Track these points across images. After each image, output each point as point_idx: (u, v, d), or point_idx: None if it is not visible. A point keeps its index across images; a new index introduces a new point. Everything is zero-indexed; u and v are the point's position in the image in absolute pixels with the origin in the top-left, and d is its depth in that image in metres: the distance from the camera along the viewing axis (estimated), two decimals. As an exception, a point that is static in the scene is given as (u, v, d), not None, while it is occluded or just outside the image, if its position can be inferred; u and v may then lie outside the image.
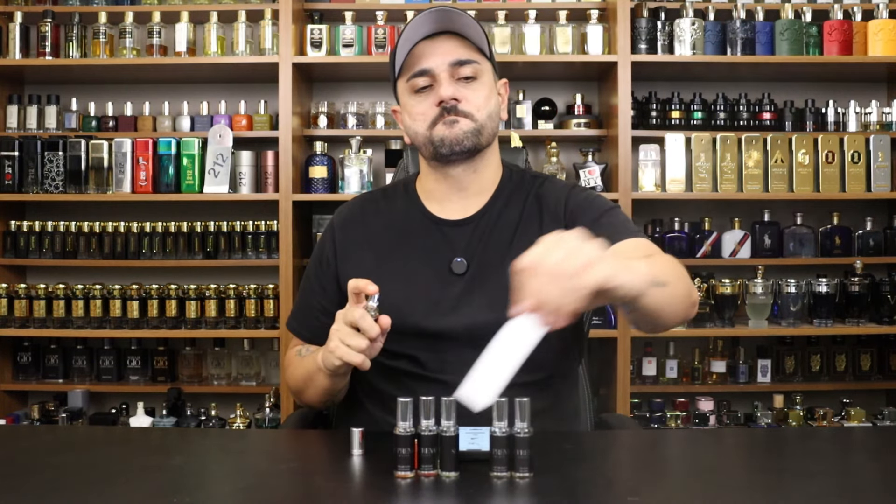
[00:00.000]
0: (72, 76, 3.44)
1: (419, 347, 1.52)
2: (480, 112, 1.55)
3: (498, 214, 1.60)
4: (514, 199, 1.61)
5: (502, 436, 1.15)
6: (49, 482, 1.17)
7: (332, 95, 3.53)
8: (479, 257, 1.56)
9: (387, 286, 1.52)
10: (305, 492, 1.18)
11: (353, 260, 1.61)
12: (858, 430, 1.82)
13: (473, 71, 1.55)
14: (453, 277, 1.55)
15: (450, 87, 1.53)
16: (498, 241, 1.57)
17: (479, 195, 1.62)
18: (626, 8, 3.14)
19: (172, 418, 3.17)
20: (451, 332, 1.51)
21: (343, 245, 1.64)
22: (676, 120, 3.31)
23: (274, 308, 3.21)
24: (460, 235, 1.58)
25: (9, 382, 3.36)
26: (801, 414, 3.21)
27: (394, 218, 1.64)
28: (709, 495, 1.14)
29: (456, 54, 1.54)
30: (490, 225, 1.59)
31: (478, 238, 1.57)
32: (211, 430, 2.85)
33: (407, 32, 1.55)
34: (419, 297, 1.53)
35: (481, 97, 1.56)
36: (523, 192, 1.62)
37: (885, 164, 3.24)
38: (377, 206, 1.67)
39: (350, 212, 1.68)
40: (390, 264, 1.58)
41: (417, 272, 1.56)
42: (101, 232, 3.29)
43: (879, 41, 3.20)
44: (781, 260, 3.31)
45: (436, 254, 1.57)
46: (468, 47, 1.56)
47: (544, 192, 1.61)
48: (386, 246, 1.61)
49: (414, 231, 1.61)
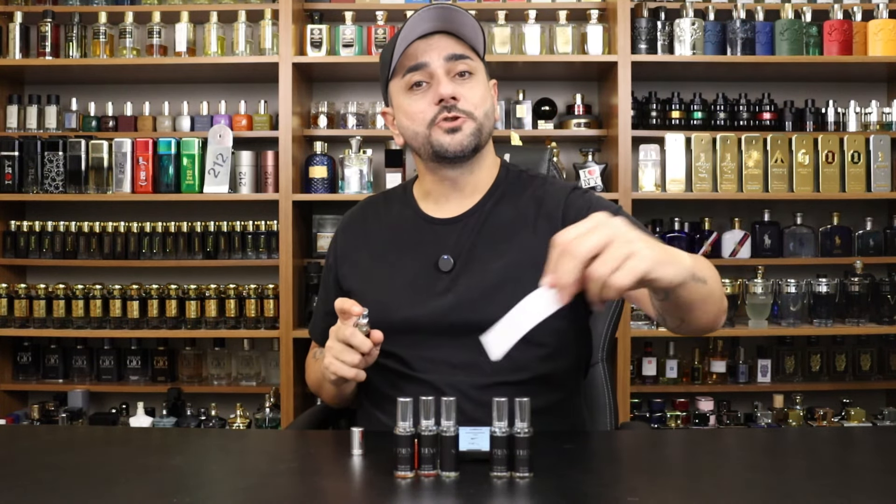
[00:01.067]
0: (72, 76, 3.44)
1: (404, 344, 1.53)
2: (478, 110, 1.55)
3: (489, 213, 1.59)
4: (508, 198, 1.61)
5: (502, 436, 1.15)
6: (49, 482, 1.17)
7: (332, 95, 3.53)
8: (465, 255, 1.56)
9: (376, 283, 1.57)
10: (305, 492, 1.18)
11: (351, 262, 1.64)
12: (858, 430, 1.82)
13: (468, 67, 1.55)
14: (439, 274, 1.55)
15: (448, 84, 1.53)
16: (486, 239, 1.57)
17: (473, 194, 1.62)
18: (626, 8, 3.14)
19: (172, 418, 3.17)
20: (434, 327, 1.52)
21: (343, 248, 1.66)
22: (676, 120, 3.31)
23: (274, 308, 3.21)
24: (450, 233, 1.58)
25: (9, 382, 3.36)
26: (801, 414, 3.21)
27: (390, 219, 1.65)
28: (709, 495, 1.14)
29: (451, 49, 1.54)
30: (479, 223, 1.58)
31: (466, 236, 1.57)
32: (211, 430, 2.85)
33: (403, 32, 1.55)
34: (404, 294, 1.55)
35: (478, 95, 1.56)
36: (519, 191, 1.62)
37: (885, 164, 3.24)
38: (377, 209, 1.69)
39: (353, 216, 1.71)
40: (381, 262, 1.60)
41: (405, 269, 1.57)
42: (101, 232, 3.29)
43: (879, 41, 3.20)
44: (781, 260, 3.31)
45: (424, 251, 1.58)
46: (463, 46, 1.56)
47: (544, 193, 1.60)
48: (380, 246, 1.62)
49: (406, 230, 1.62)
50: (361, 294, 1.56)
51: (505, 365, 1.32)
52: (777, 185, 3.23)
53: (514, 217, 1.58)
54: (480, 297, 1.50)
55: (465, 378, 1.49)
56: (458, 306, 1.51)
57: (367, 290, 1.58)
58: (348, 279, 1.63)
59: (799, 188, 3.23)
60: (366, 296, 1.53)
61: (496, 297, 1.46)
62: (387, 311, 1.51)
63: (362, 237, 1.65)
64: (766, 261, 3.29)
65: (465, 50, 1.56)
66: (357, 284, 1.60)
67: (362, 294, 1.56)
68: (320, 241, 3.33)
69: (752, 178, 3.23)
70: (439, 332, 1.52)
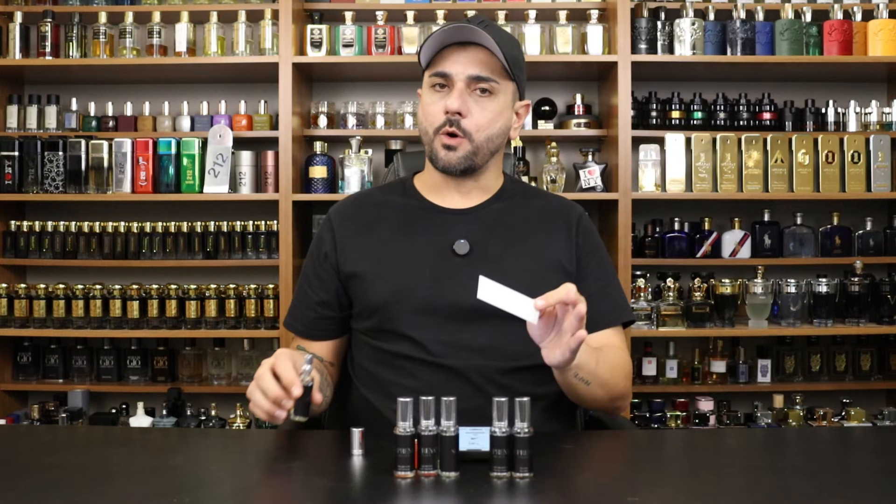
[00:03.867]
0: (72, 76, 3.44)
1: (422, 326, 1.55)
2: (479, 133, 1.59)
3: (501, 210, 1.66)
4: (517, 200, 1.68)
5: (502, 436, 1.15)
6: (49, 482, 1.17)
7: (332, 95, 3.53)
8: (480, 242, 1.61)
9: (390, 267, 1.60)
10: (305, 492, 1.18)
11: (355, 248, 1.65)
12: (858, 430, 1.82)
13: (489, 87, 1.59)
14: (456, 258, 1.59)
15: (457, 99, 1.57)
16: (500, 232, 1.62)
17: (481, 194, 1.67)
18: (626, 8, 3.14)
19: (172, 418, 3.17)
20: (451, 307, 1.55)
21: (343, 236, 1.67)
22: (676, 120, 3.31)
23: (274, 308, 3.21)
24: (461, 222, 1.63)
25: (9, 382, 3.35)
26: (801, 414, 3.21)
27: (393, 208, 1.68)
28: (709, 495, 1.14)
29: (476, 69, 1.58)
30: (492, 217, 1.64)
31: (479, 226, 1.63)
32: (211, 430, 2.85)
33: (442, 35, 1.58)
34: (421, 275, 1.58)
35: (487, 117, 1.59)
36: (527, 197, 1.70)
37: (885, 164, 3.24)
38: (374, 200, 1.72)
39: (346, 207, 1.73)
40: (393, 247, 1.63)
41: (420, 252, 1.61)
42: (101, 232, 3.29)
43: (879, 41, 3.20)
44: (781, 260, 3.31)
45: (438, 236, 1.62)
46: (494, 65, 1.59)
47: (550, 204, 1.70)
48: (387, 232, 1.65)
49: (415, 217, 1.66)
50: (373, 276, 1.60)
51: (527, 349, 1.42)
52: (777, 185, 3.23)
53: (526, 218, 1.66)
54: (501, 282, 1.53)
55: (487, 362, 1.54)
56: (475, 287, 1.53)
57: (378, 272, 1.60)
58: (352, 263, 1.63)
59: (799, 188, 3.23)
60: (377, 277, 1.58)
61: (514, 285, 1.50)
62: (405, 293, 1.55)
63: (363, 223, 1.67)
64: (766, 261, 3.29)
65: (493, 71, 1.59)
66: (365, 267, 1.62)
67: (374, 276, 1.60)
68: (320, 241, 3.33)
69: (752, 178, 3.23)
70: (460, 316, 1.55)
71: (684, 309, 3.18)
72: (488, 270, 1.55)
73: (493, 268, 1.54)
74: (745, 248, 3.29)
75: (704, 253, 3.28)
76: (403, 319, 1.55)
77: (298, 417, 1.32)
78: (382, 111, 3.37)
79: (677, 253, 3.29)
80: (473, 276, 1.54)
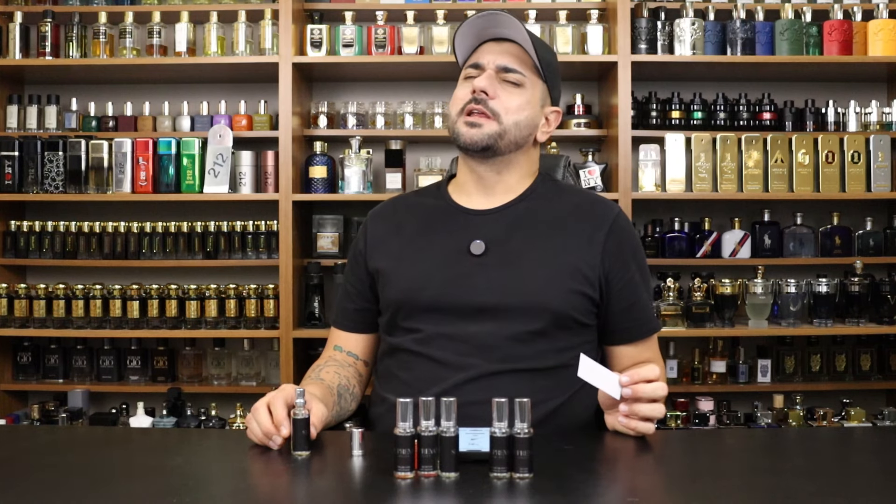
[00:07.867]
0: (72, 76, 3.44)
1: (429, 321, 1.57)
2: (508, 116, 1.60)
3: (524, 211, 1.65)
4: (544, 201, 1.67)
5: (502, 436, 1.15)
6: (49, 482, 1.17)
7: (332, 95, 3.53)
8: (497, 242, 1.61)
9: (406, 263, 1.63)
10: (305, 492, 1.18)
11: (382, 247, 1.69)
12: (858, 430, 1.82)
13: (518, 80, 1.61)
14: (470, 257, 1.60)
15: (485, 79, 1.59)
16: (520, 232, 1.62)
17: (505, 193, 1.68)
18: (626, 8, 3.14)
19: (172, 418, 3.17)
20: (459, 306, 1.56)
21: (374, 236, 1.72)
22: (676, 120, 3.31)
23: (274, 308, 3.21)
24: (482, 223, 1.64)
25: (9, 382, 3.35)
26: (801, 414, 3.20)
27: (422, 209, 1.72)
28: (709, 495, 1.14)
29: (506, 61, 1.61)
30: (514, 217, 1.64)
31: (499, 227, 1.63)
32: (211, 430, 2.85)
33: (476, 25, 1.61)
34: (434, 273, 1.60)
35: (515, 103, 1.61)
36: (556, 196, 1.69)
37: (885, 164, 3.24)
38: (408, 202, 1.76)
39: (383, 207, 1.78)
40: (412, 246, 1.66)
41: (436, 252, 1.63)
42: (101, 232, 3.29)
43: (879, 41, 3.20)
44: (781, 260, 3.31)
45: (456, 236, 1.63)
46: (525, 59, 1.62)
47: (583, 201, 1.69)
48: (412, 232, 1.68)
49: (438, 218, 1.68)
50: (392, 273, 1.63)
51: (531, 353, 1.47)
52: (777, 185, 3.23)
53: (551, 219, 1.64)
54: (509, 283, 1.55)
55: (488, 362, 1.54)
56: (488, 289, 1.55)
57: (395, 269, 1.63)
58: (376, 260, 1.68)
59: (799, 188, 3.23)
60: (395, 274, 1.62)
61: (524, 286, 1.52)
62: (416, 290, 1.58)
63: (394, 224, 1.71)
64: (766, 261, 3.29)
65: (523, 64, 1.62)
66: (387, 264, 1.66)
67: (393, 273, 1.63)
68: (320, 241, 3.33)
69: (752, 178, 3.23)
70: (469, 315, 1.56)
71: (684, 309, 3.18)
72: (501, 271, 1.56)
73: (507, 269, 1.55)
74: (745, 248, 3.29)
75: (704, 253, 3.28)
76: (413, 316, 1.58)
77: (298, 453, 1.30)
78: (382, 111, 3.37)
79: (677, 253, 3.29)
80: (486, 276, 1.56)
